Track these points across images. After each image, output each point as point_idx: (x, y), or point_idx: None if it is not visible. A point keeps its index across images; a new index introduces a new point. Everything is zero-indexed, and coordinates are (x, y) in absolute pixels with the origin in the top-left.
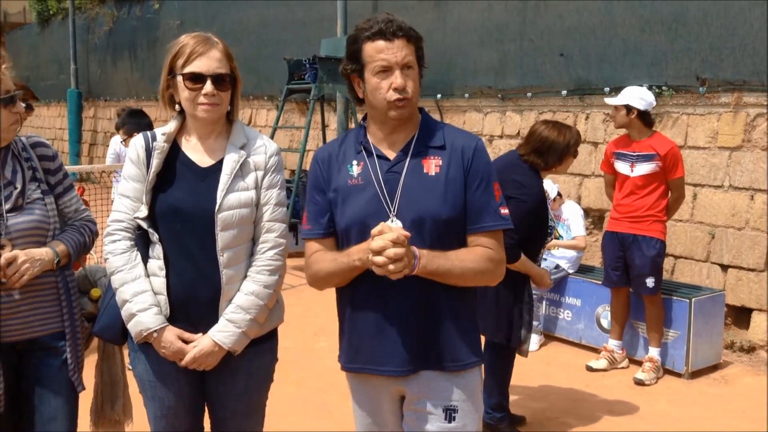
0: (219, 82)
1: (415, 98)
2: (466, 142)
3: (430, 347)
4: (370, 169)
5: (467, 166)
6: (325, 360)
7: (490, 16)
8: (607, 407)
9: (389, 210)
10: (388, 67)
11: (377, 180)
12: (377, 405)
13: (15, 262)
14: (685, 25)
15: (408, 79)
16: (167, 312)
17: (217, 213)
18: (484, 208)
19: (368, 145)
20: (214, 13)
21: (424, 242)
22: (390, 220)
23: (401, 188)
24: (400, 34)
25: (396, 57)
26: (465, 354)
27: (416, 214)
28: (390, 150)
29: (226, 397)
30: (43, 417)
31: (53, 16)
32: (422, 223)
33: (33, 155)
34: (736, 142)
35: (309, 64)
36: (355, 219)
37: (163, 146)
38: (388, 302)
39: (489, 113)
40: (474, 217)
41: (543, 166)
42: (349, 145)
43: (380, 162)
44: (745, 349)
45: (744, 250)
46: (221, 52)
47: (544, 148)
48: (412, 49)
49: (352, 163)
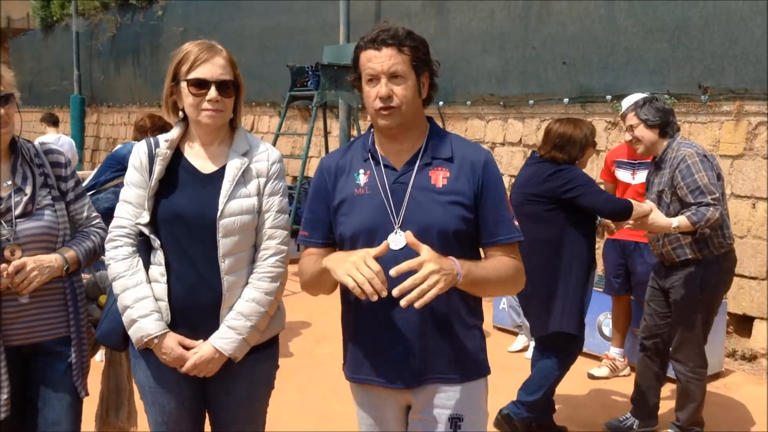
0: (223, 89)
1: (405, 107)
2: (475, 156)
3: (436, 359)
4: (377, 179)
5: (479, 181)
6: (327, 367)
7: (492, 24)
8: (609, 415)
9: (395, 221)
10: (375, 75)
11: (384, 190)
12: (382, 414)
13: (24, 269)
14: (687, 33)
15: (396, 88)
16: (168, 318)
17: (218, 219)
18: (499, 221)
19: (375, 153)
20: (218, 20)
21: None
22: (395, 232)
23: (408, 199)
24: (390, 43)
25: (382, 66)
26: (472, 364)
27: (422, 226)
28: (397, 159)
29: (227, 404)
30: (46, 421)
31: (57, 22)
32: (428, 235)
33: (45, 161)
34: (738, 150)
35: (311, 70)
36: (362, 228)
37: (165, 153)
38: (394, 313)
39: (491, 120)
40: (490, 231)
41: (567, 159)
42: (356, 152)
43: (387, 171)
44: (747, 358)
45: (746, 258)
46: (225, 59)
47: (564, 142)
48: (405, 58)
49: (359, 171)
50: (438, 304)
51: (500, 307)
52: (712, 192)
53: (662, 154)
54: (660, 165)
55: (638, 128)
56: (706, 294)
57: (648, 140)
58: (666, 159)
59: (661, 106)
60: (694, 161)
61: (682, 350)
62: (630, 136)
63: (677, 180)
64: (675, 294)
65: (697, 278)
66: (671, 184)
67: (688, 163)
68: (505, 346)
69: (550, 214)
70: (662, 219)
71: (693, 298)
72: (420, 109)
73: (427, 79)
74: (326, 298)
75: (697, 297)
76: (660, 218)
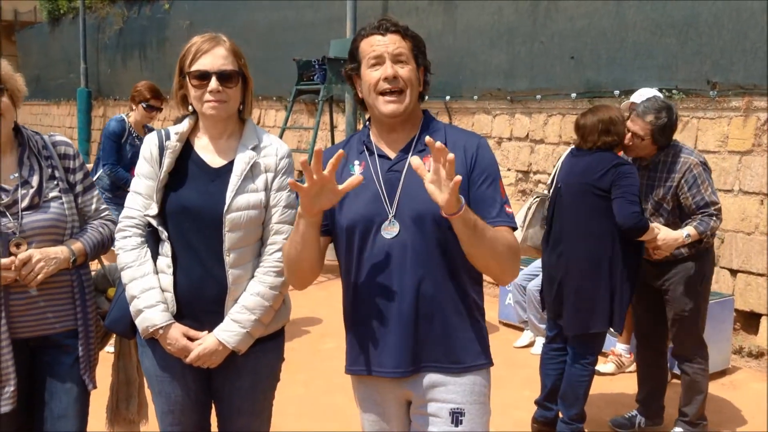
0: (224, 79)
1: (410, 92)
2: (468, 141)
3: (431, 347)
4: (371, 168)
5: (471, 163)
6: (332, 361)
7: (500, 19)
8: (615, 411)
9: (389, 210)
10: (379, 57)
11: (377, 179)
12: (383, 410)
13: (30, 261)
14: (696, 28)
15: (401, 70)
16: (174, 309)
17: (225, 214)
18: (491, 203)
19: (370, 144)
20: (224, 14)
21: (425, 241)
22: (388, 221)
23: (401, 187)
24: (393, 29)
25: (386, 48)
26: (471, 355)
27: (416, 213)
28: (391, 149)
29: (232, 396)
30: (53, 414)
31: (64, 15)
32: (423, 222)
33: (54, 153)
34: (747, 146)
35: (318, 65)
36: (357, 218)
37: (175, 145)
38: (389, 303)
39: (498, 115)
40: (482, 212)
41: (617, 141)
42: (353, 146)
43: (381, 161)
44: (754, 355)
45: (753, 254)
46: (227, 50)
47: (608, 125)
48: (408, 45)
49: (354, 163)
50: (435, 291)
51: (506, 302)
52: (715, 202)
53: (654, 157)
54: (650, 167)
55: (645, 142)
56: (704, 285)
57: (646, 152)
58: (658, 162)
59: (675, 123)
60: (699, 172)
61: (685, 345)
62: (631, 141)
63: (683, 190)
64: (673, 290)
65: (693, 271)
66: (675, 192)
67: (693, 174)
68: (511, 341)
69: (611, 210)
70: (672, 235)
71: (693, 291)
72: (417, 100)
73: (422, 74)
74: (332, 292)
75: (697, 289)
76: (669, 235)
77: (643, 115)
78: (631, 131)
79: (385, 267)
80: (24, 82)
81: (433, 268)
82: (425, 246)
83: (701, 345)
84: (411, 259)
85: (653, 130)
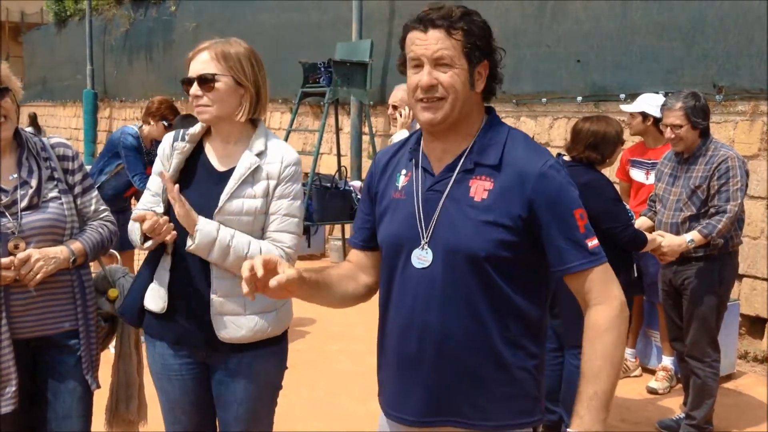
0: (204, 83)
1: (453, 99)
2: (527, 166)
3: (456, 399)
4: (413, 182)
5: (528, 202)
6: (337, 363)
7: (506, 22)
8: (620, 415)
9: (422, 235)
10: (418, 60)
11: (416, 195)
12: None
13: (29, 261)
14: (702, 32)
15: (442, 76)
16: (165, 305)
17: (214, 216)
18: (565, 245)
19: (417, 154)
20: (230, 16)
21: (456, 279)
22: (421, 247)
23: (439, 212)
24: (438, 24)
25: (426, 50)
26: (508, 413)
27: (450, 246)
28: (438, 163)
29: (228, 401)
30: (57, 414)
31: (70, 16)
32: (454, 259)
33: (52, 155)
34: (753, 150)
35: (324, 67)
36: (390, 240)
37: (184, 146)
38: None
39: (503, 118)
40: (557, 258)
41: (600, 159)
42: (406, 149)
43: (424, 175)
44: (759, 359)
45: (759, 259)
46: (211, 54)
47: (598, 141)
48: (455, 44)
49: (401, 172)
50: (464, 337)
51: None
52: (737, 199)
53: (695, 150)
54: (690, 160)
55: (684, 128)
56: (723, 287)
57: (691, 141)
58: (699, 155)
59: (706, 106)
60: (733, 165)
61: (698, 346)
62: (672, 134)
63: (714, 178)
64: (691, 288)
65: (713, 272)
66: (709, 182)
67: (728, 165)
68: None
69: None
70: (676, 240)
71: (710, 291)
72: (474, 104)
73: (485, 69)
74: None
75: (715, 290)
76: (674, 241)
77: (672, 106)
78: (668, 125)
79: (412, 301)
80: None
81: (464, 310)
82: (456, 285)
83: (715, 347)
84: (438, 298)
85: (687, 112)
